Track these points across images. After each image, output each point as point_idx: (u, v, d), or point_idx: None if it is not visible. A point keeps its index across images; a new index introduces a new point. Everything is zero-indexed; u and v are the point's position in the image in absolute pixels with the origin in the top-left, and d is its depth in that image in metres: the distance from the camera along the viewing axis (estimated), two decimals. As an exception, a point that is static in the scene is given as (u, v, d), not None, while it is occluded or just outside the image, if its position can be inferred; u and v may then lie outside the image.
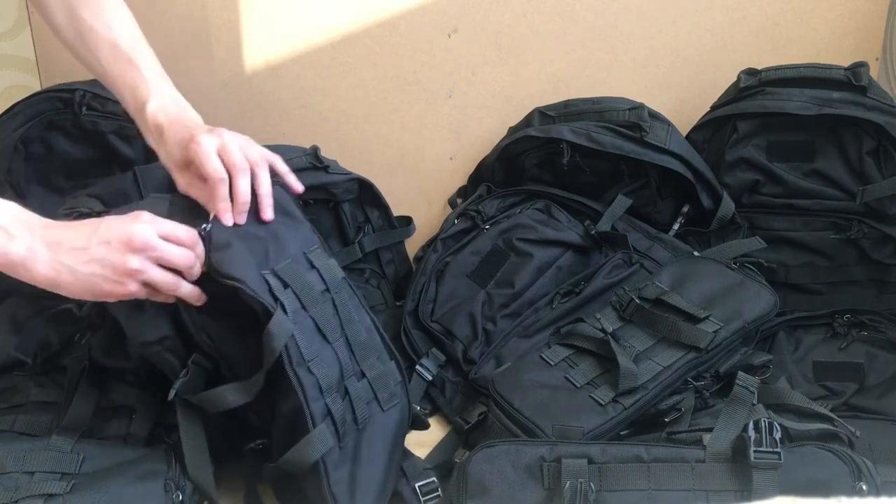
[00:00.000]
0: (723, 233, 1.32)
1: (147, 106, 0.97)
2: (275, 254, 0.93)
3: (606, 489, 0.92)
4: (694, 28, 1.43)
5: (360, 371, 0.94)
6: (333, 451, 0.91)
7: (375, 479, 0.94)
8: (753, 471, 0.89)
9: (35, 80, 1.40)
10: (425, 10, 1.38)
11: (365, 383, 0.94)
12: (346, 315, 0.95)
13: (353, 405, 0.92)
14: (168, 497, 0.92)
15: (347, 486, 0.92)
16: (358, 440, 0.93)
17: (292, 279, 0.92)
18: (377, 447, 0.95)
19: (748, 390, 0.98)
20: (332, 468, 0.91)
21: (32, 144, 1.23)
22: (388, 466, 0.96)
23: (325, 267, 0.96)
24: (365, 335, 0.96)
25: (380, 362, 0.96)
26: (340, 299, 0.95)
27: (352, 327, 0.95)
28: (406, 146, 1.47)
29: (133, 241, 0.85)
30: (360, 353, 0.95)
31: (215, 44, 1.36)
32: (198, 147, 0.93)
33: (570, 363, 1.09)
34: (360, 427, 0.93)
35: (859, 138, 1.25)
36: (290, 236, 0.96)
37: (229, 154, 0.93)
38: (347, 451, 0.92)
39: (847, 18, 1.43)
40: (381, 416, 0.95)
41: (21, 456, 0.92)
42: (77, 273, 0.85)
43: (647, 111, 1.31)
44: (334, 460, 0.91)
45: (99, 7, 1.02)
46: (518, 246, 1.29)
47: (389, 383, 0.96)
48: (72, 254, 0.85)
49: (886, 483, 0.92)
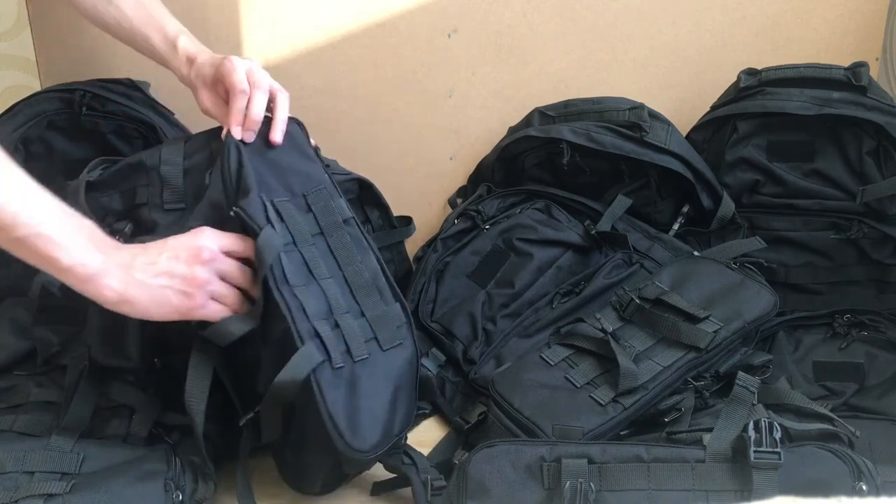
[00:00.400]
0: (723, 233, 1.32)
1: (178, 40, 1.09)
2: (277, 185, 0.98)
3: (606, 489, 0.92)
4: (694, 28, 1.43)
5: (358, 310, 0.95)
6: (325, 369, 0.89)
7: (378, 413, 0.92)
8: (753, 471, 0.89)
9: (35, 80, 1.40)
10: (425, 10, 1.38)
11: (363, 322, 0.94)
12: (344, 256, 0.97)
13: (345, 338, 0.91)
14: (168, 497, 0.92)
15: (345, 411, 0.89)
16: (354, 371, 0.91)
17: (287, 216, 0.96)
18: (377, 383, 0.93)
19: (748, 390, 0.98)
20: (326, 386, 0.89)
21: (32, 144, 1.23)
22: (392, 406, 0.93)
23: (323, 210, 0.99)
24: (368, 276, 0.97)
25: (382, 303, 0.96)
26: (338, 241, 0.97)
27: (352, 268, 0.96)
28: (406, 146, 1.47)
29: (201, 254, 0.89)
30: (360, 293, 0.95)
31: (215, 44, 1.36)
32: (230, 63, 1.02)
33: (570, 363, 1.09)
34: (355, 360, 0.92)
35: (859, 138, 1.25)
36: (296, 173, 1.01)
37: (254, 74, 1.02)
38: (342, 376, 0.90)
39: (847, 18, 1.43)
40: (382, 355, 0.94)
41: (21, 456, 0.92)
42: (148, 286, 0.87)
43: (647, 111, 1.31)
44: (328, 379, 0.89)
45: None
46: (518, 246, 1.29)
47: (391, 324, 0.95)
48: (143, 268, 0.88)
49: (886, 483, 0.92)
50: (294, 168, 1.01)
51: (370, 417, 0.91)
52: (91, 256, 0.84)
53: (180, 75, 1.09)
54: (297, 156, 1.03)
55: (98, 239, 0.87)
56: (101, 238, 0.87)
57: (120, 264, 0.86)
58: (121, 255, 0.87)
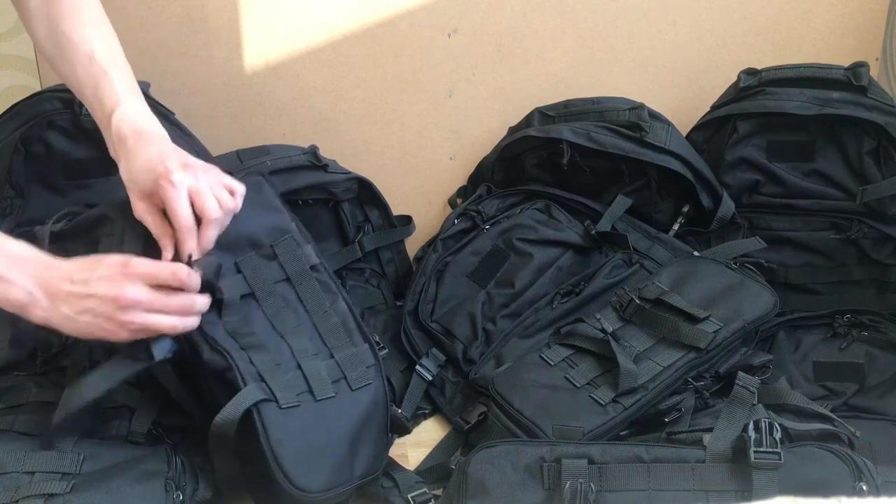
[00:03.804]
0: (723, 233, 1.32)
1: (112, 116, 0.97)
2: (238, 246, 0.98)
3: (606, 489, 0.92)
4: (694, 28, 1.43)
5: (327, 352, 0.95)
6: (270, 408, 0.89)
7: (334, 453, 0.92)
8: (753, 471, 0.89)
9: (35, 80, 1.40)
10: (425, 10, 1.38)
11: (332, 363, 0.95)
12: (312, 302, 0.98)
13: (307, 379, 0.92)
14: (168, 497, 0.92)
15: (292, 449, 0.89)
16: (315, 410, 0.92)
17: (247, 267, 0.97)
18: (340, 422, 0.93)
19: (748, 390, 0.98)
20: (270, 424, 0.89)
21: (32, 144, 1.23)
22: (354, 444, 0.93)
23: (289, 258, 0.99)
24: (337, 319, 0.98)
25: (351, 344, 0.97)
26: (306, 288, 0.98)
27: (321, 312, 0.97)
28: (406, 146, 1.47)
29: (120, 300, 0.87)
30: (329, 337, 0.96)
31: (215, 44, 1.36)
32: (172, 189, 0.91)
33: (570, 363, 1.09)
34: (317, 399, 0.92)
35: (859, 138, 1.25)
36: (260, 227, 1.01)
37: (202, 199, 0.92)
38: (295, 415, 0.91)
39: (847, 18, 1.43)
40: (350, 394, 0.94)
41: (21, 456, 0.92)
42: (74, 321, 0.88)
43: (647, 111, 1.31)
44: (274, 417, 0.89)
45: (79, 21, 1.03)
46: (518, 246, 1.29)
47: (360, 365, 0.96)
48: (69, 301, 0.87)
49: (886, 483, 0.92)
50: (259, 224, 1.01)
51: (322, 457, 0.91)
52: (14, 288, 0.86)
53: (112, 154, 1.00)
54: (262, 212, 1.03)
55: (22, 260, 0.87)
56: (28, 257, 0.88)
57: (48, 292, 0.87)
58: (50, 280, 0.87)
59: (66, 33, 1.02)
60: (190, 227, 0.92)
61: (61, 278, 0.87)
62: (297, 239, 1.02)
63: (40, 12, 1.03)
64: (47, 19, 1.03)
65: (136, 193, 0.96)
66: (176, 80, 1.36)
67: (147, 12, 1.33)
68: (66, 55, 1.02)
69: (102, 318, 0.87)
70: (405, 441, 1.15)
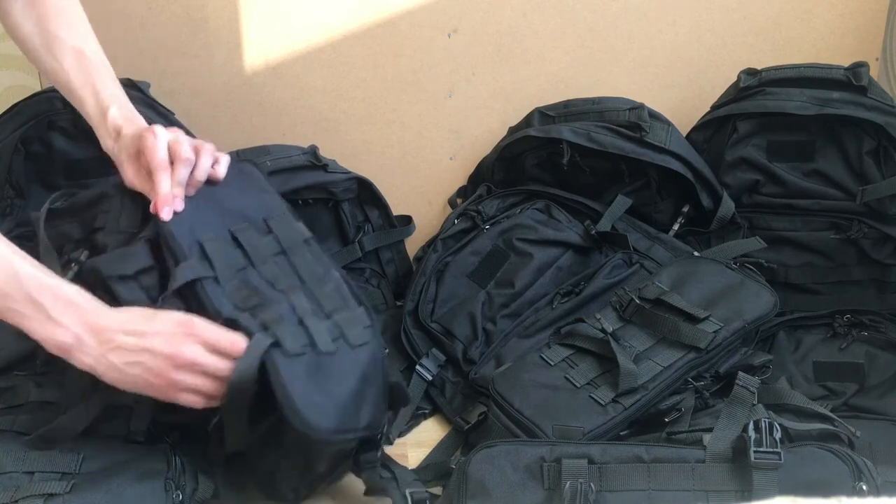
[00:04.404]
0: (723, 233, 1.32)
1: (109, 110, 1.02)
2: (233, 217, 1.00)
3: (607, 489, 0.92)
4: (694, 28, 1.43)
5: (324, 313, 0.96)
6: (279, 354, 0.89)
7: (340, 398, 0.91)
8: (753, 471, 0.89)
9: (35, 80, 1.40)
10: (425, 10, 1.38)
11: (330, 323, 0.95)
12: (307, 271, 0.99)
13: (310, 333, 0.92)
14: (168, 497, 0.92)
15: (303, 390, 0.88)
16: (318, 361, 0.91)
17: (245, 240, 0.99)
18: (342, 376, 0.93)
19: (748, 390, 0.98)
20: (282, 367, 0.88)
21: (32, 144, 1.23)
22: (358, 397, 0.92)
23: (283, 232, 1.01)
24: (332, 286, 0.99)
25: (347, 308, 0.97)
26: (300, 259, 1.00)
27: (315, 279, 0.98)
28: (406, 146, 1.47)
29: (177, 359, 0.86)
30: (325, 301, 0.97)
31: (215, 44, 1.36)
32: (152, 136, 0.97)
33: (570, 363, 1.09)
34: (321, 352, 0.92)
35: (859, 138, 1.25)
36: (254, 204, 1.03)
37: (178, 145, 0.97)
38: (303, 361, 0.90)
39: (847, 18, 1.43)
40: (349, 351, 0.94)
41: (21, 456, 0.92)
42: (120, 371, 0.87)
43: (647, 111, 1.31)
44: (283, 362, 0.89)
45: (66, 20, 1.06)
46: (518, 246, 1.29)
47: (357, 325, 0.96)
48: (119, 352, 0.87)
49: (886, 483, 0.92)
50: (252, 202, 1.04)
51: (331, 399, 0.90)
52: (62, 331, 0.86)
53: (105, 146, 1.04)
54: (255, 191, 1.06)
55: (76, 305, 0.87)
56: (81, 304, 0.87)
57: (99, 339, 0.86)
58: (102, 327, 0.87)
59: (52, 31, 1.05)
60: (164, 166, 0.96)
61: (114, 328, 0.87)
62: (290, 215, 1.04)
63: (26, 11, 1.06)
64: (34, 18, 1.06)
65: (125, 161, 1.00)
66: (176, 80, 1.36)
67: (147, 12, 1.33)
68: (54, 51, 1.05)
69: (152, 374, 0.87)
70: (405, 441, 1.15)
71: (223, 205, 1.02)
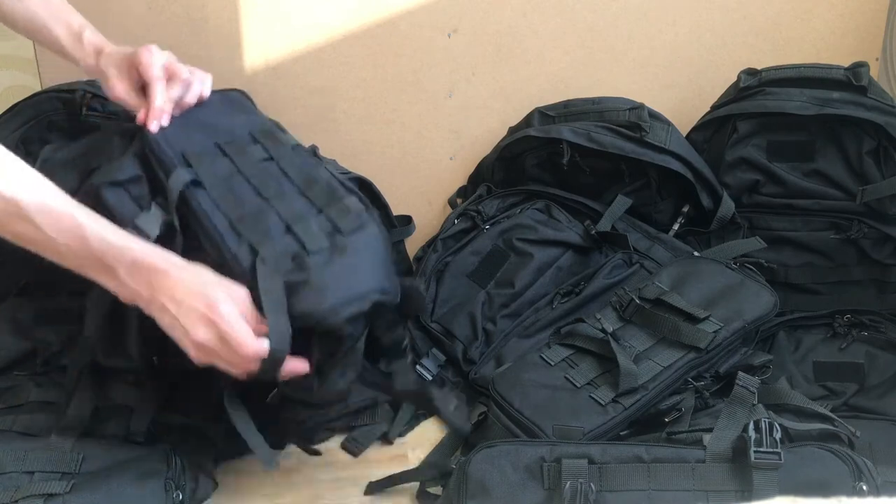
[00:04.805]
0: (723, 233, 1.32)
1: (84, 33, 1.06)
2: (218, 131, 1.04)
3: (607, 489, 0.92)
4: (694, 28, 1.43)
5: (316, 210, 0.97)
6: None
7: (340, 276, 0.91)
8: (753, 471, 0.89)
9: (35, 80, 1.40)
10: (425, 10, 1.38)
11: (322, 218, 0.96)
12: (295, 171, 1.02)
13: (301, 239, 0.92)
14: (168, 496, 0.92)
15: (326, 257, 0.90)
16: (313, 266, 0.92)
17: (231, 150, 1.02)
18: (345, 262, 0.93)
19: (748, 390, 0.98)
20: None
21: (32, 144, 1.23)
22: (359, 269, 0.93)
23: (271, 142, 1.05)
24: (322, 184, 1.01)
25: (337, 199, 0.99)
26: (288, 162, 1.03)
27: (303, 179, 1.01)
28: (406, 146, 1.47)
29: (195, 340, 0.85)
30: (317, 198, 0.99)
31: (215, 44, 1.36)
32: (149, 54, 1.02)
33: (570, 363, 1.09)
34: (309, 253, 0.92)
35: (859, 138, 1.25)
36: (242, 122, 1.07)
37: (177, 66, 1.03)
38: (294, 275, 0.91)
39: (847, 18, 1.43)
40: (344, 239, 0.95)
41: (21, 456, 0.93)
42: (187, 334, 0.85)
43: (647, 111, 1.31)
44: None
45: None
46: (518, 246, 1.29)
47: (348, 213, 0.97)
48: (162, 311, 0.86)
49: (886, 483, 0.92)
50: (238, 120, 1.07)
51: (347, 265, 0.91)
52: (132, 292, 0.86)
53: (86, 65, 1.07)
54: (241, 113, 1.10)
55: (140, 269, 0.86)
56: (145, 266, 0.86)
57: (166, 297, 0.86)
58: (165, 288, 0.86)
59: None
60: (160, 78, 1.01)
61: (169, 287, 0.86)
62: (277, 128, 1.08)
63: None
64: None
65: (113, 76, 1.04)
66: (176, 80, 1.36)
67: (147, 12, 1.33)
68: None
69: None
70: (405, 441, 1.15)
71: (209, 123, 1.05)
